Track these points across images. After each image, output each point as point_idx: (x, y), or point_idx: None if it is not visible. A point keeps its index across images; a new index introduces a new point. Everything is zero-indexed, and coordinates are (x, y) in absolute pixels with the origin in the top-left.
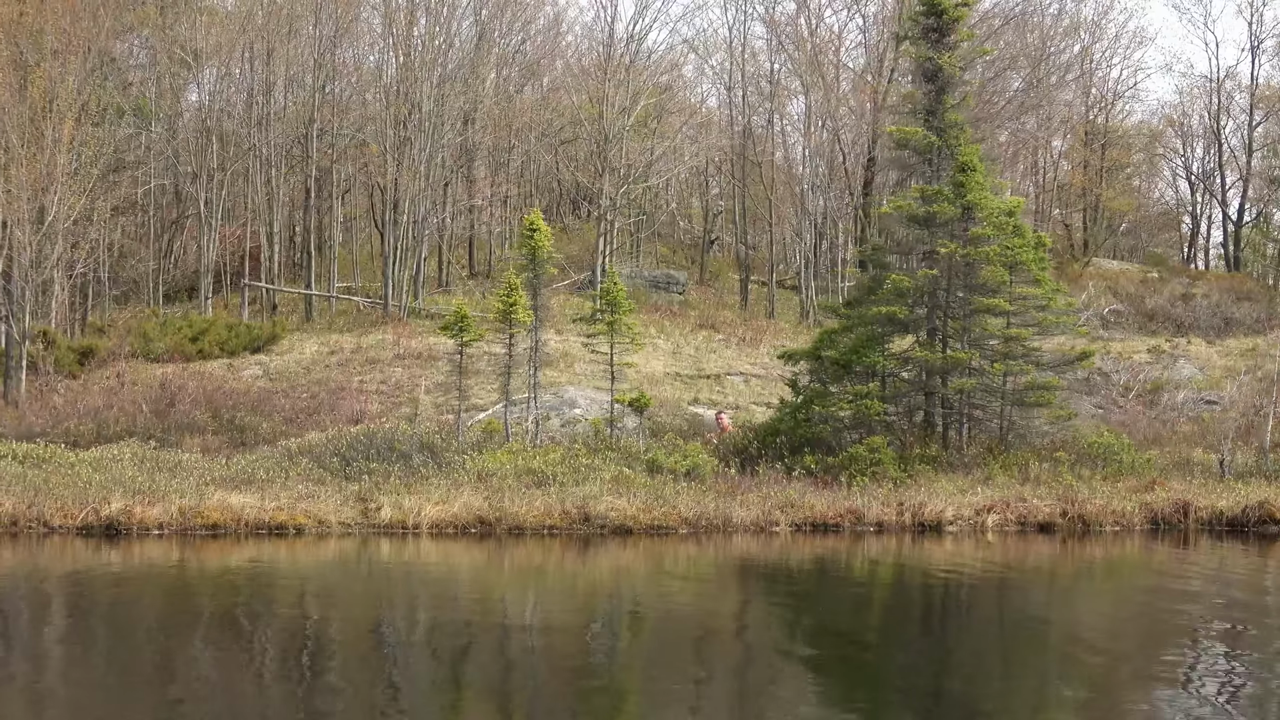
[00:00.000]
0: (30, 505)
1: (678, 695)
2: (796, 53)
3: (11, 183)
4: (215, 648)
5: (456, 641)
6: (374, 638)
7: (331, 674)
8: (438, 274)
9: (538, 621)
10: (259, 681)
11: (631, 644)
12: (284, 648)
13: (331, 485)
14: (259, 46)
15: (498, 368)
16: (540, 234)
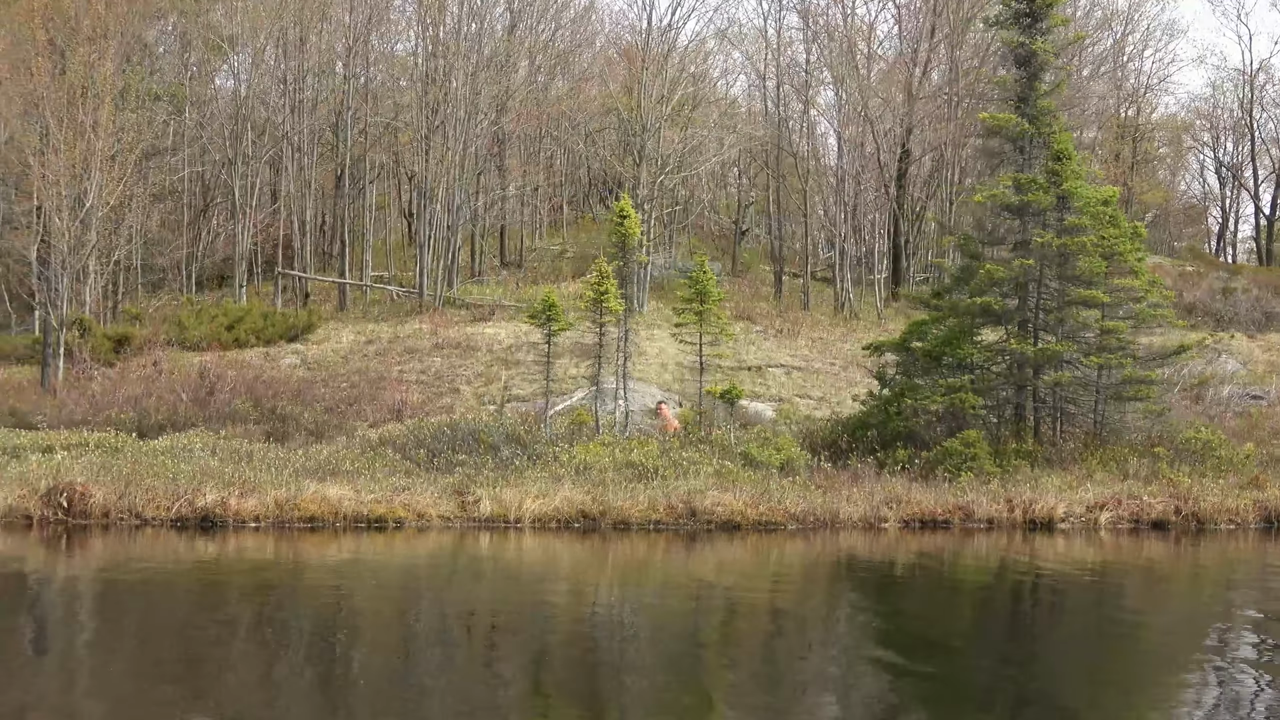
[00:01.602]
0: (121, 496)
1: (759, 693)
2: (830, 43)
3: (48, 168)
4: (364, 652)
5: (588, 641)
6: (510, 637)
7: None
8: (470, 263)
9: (655, 620)
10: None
11: (727, 642)
12: (419, 648)
13: (423, 478)
14: (292, 33)
15: (540, 357)
16: (630, 220)
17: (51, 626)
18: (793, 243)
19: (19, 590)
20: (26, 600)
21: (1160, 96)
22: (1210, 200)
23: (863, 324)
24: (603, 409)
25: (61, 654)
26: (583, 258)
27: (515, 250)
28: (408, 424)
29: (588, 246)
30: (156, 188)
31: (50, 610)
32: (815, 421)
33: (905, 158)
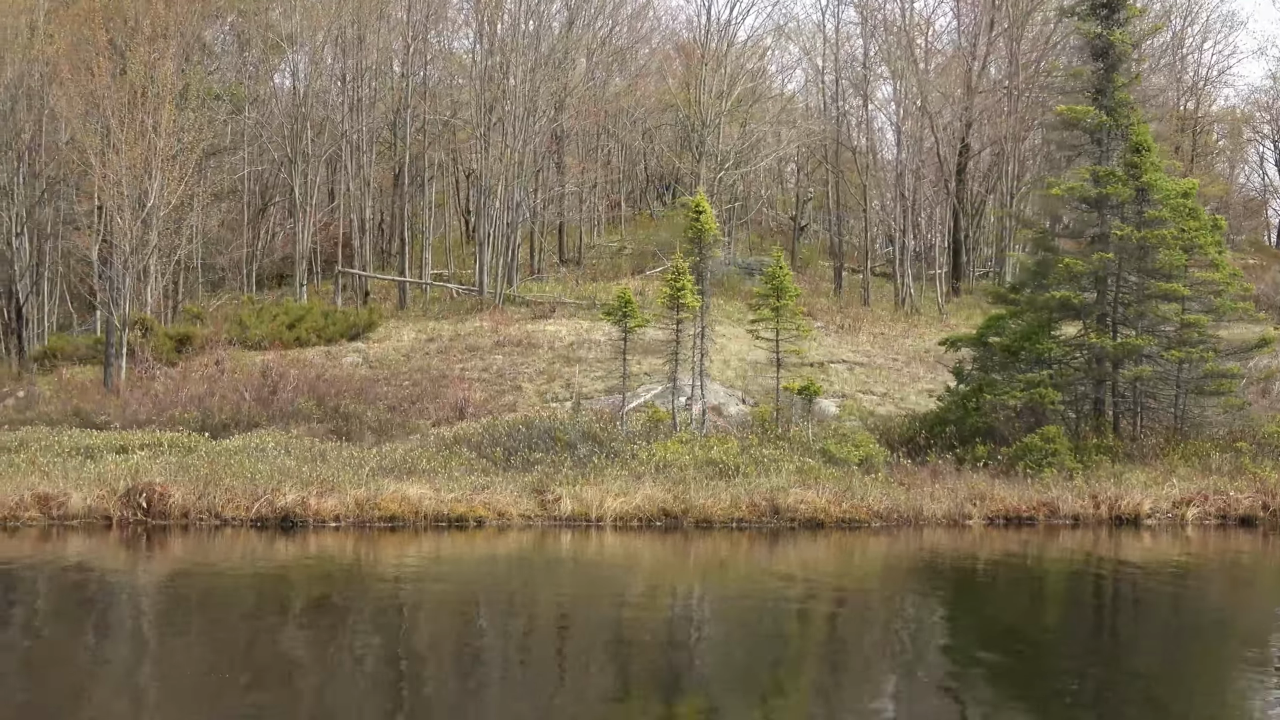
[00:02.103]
0: (200, 497)
1: (840, 693)
2: (888, 37)
3: (110, 168)
4: (454, 654)
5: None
6: (606, 637)
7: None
8: (530, 261)
9: (742, 618)
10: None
11: (814, 641)
12: (515, 650)
13: (501, 476)
14: (350, 32)
15: (602, 354)
16: (705, 215)
17: (138, 629)
18: (852, 238)
19: (103, 592)
20: (110, 602)
21: (1220, 89)
22: (1270, 193)
23: (924, 319)
24: (675, 405)
25: (152, 658)
26: (641, 254)
27: (574, 247)
28: (482, 422)
29: (645, 243)
30: (216, 187)
31: (135, 613)
32: (891, 418)
33: (964, 152)
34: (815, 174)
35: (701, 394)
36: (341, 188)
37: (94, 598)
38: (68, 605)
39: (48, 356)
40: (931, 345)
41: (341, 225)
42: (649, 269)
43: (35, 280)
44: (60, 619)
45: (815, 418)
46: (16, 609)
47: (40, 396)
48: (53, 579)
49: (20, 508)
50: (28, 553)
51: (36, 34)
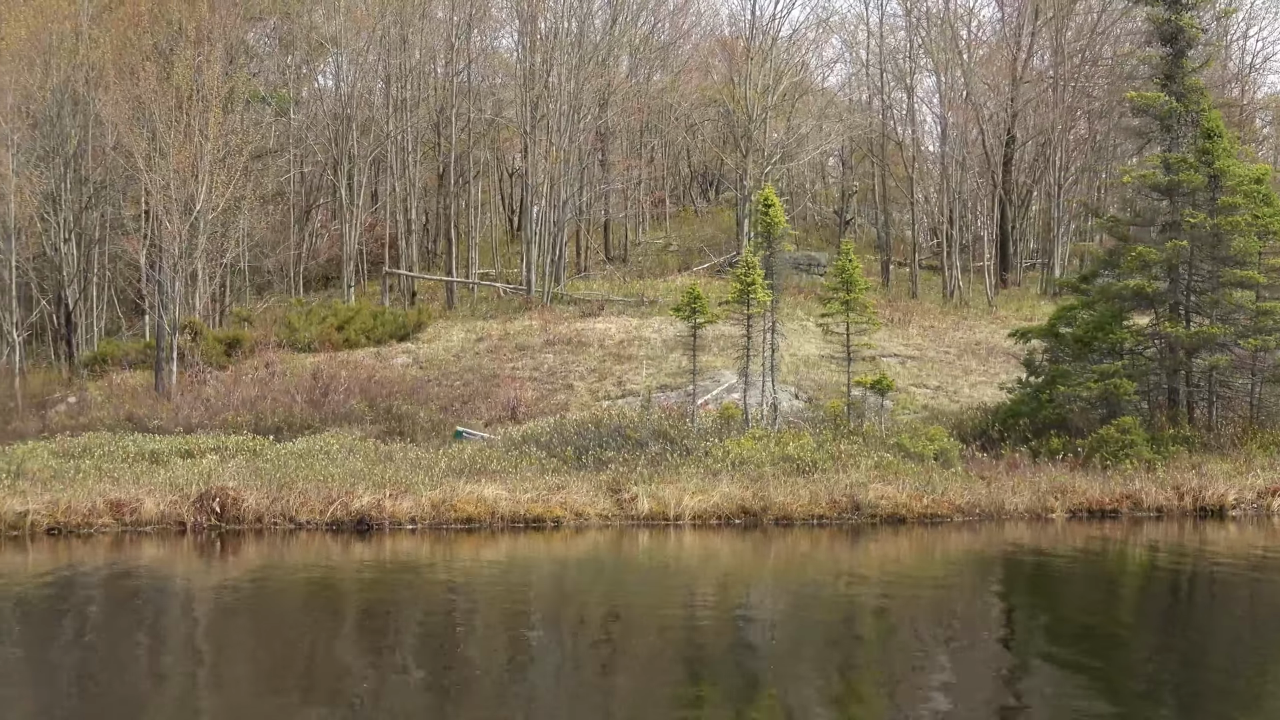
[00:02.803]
0: (274, 500)
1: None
2: (932, 28)
3: (158, 172)
4: (535, 655)
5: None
6: (698, 638)
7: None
8: (576, 259)
9: (829, 615)
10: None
11: (892, 638)
12: (604, 650)
13: (575, 476)
14: (393, 32)
15: (653, 352)
16: (775, 209)
17: (224, 635)
18: (899, 231)
19: (183, 598)
20: (191, 608)
21: (1265, 75)
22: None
23: (973, 312)
24: (747, 401)
25: (234, 664)
26: (687, 251)
27: (619, 245)
28: (550, 420)
29: (690, 239)
30: (263, 190)
31: (219, 618)
32: (962, 411)
33: (1010, 143)
34: (859, 168)
35: (774, 389)
36: (386, 188)
37: (174, 604)
38: (148, 611)
39: (97, 362)
40: (983, 337)
41: (387, 226)
42: (695, 265)
43: (84, 286)
44: (141, 625)
45: (874, 412)
46: (95, 615)
47: (92, 402)
48: (130, 586)
49: (93, 514)
50: (102, 560)
51: (81, 39)
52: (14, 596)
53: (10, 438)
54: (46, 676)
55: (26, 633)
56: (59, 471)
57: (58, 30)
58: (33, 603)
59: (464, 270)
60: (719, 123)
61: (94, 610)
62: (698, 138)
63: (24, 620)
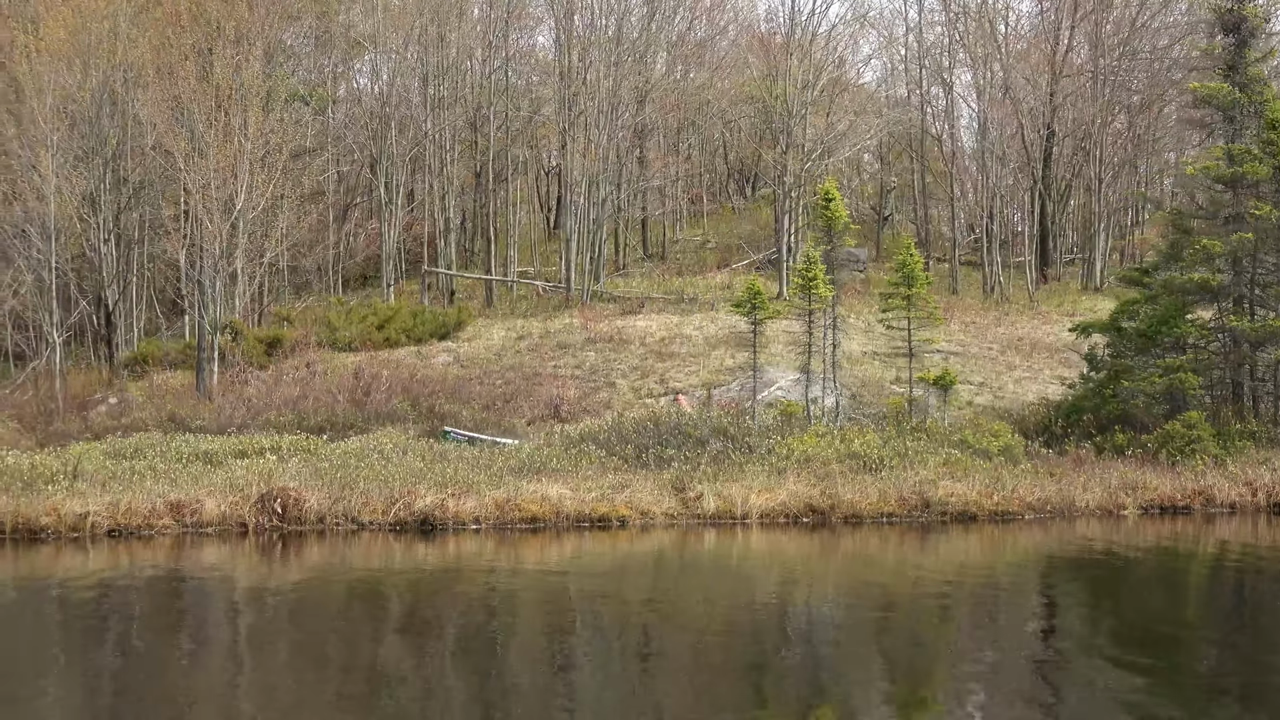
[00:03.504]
0: (336, 501)
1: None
2: (969, 23)
3: (198, 171)
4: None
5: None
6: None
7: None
8: (615, 256)
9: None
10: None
11: (961, 638)
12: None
13: (636, 474)
14: (430, 31)
15: (695, 349)
16: (836, 204)
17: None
18: (937, 227)
19: (252, 600)
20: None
21: None
22: None
23: (1014, 307)
24: (808, 397)
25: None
26: (725, 248)
27: (657, 242)
28: (607, 418)
29: (728, 236)
30: (303, 189)
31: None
32: (1023, 406)
33: (1050, 138)
34: (896, 164)
35: (836, 385)
36: (424, 187)
37: (241, 606)
38: (215, 613)
39: (138, 362)
40: (1025, 333)
41: (426, 225)
42: (734, 262)
43: (123, 286)
44: (209, 626)
45: (935, 408)
46: (161, 618)
47: (133, 402)
48: (193, 588)
49: (153, 515)
50: (163, 561)
51: (120, 39)
52: (79, 598)
53: (53, 438)
54: (110, 678)
55: (91, 634)
56: (115, 473)
57: (96, 30)
58: (97, 604)
59: (502, 268)
60: (756, 119)
61: (159, 612)
62: (735, 134)
63: (92, 620)
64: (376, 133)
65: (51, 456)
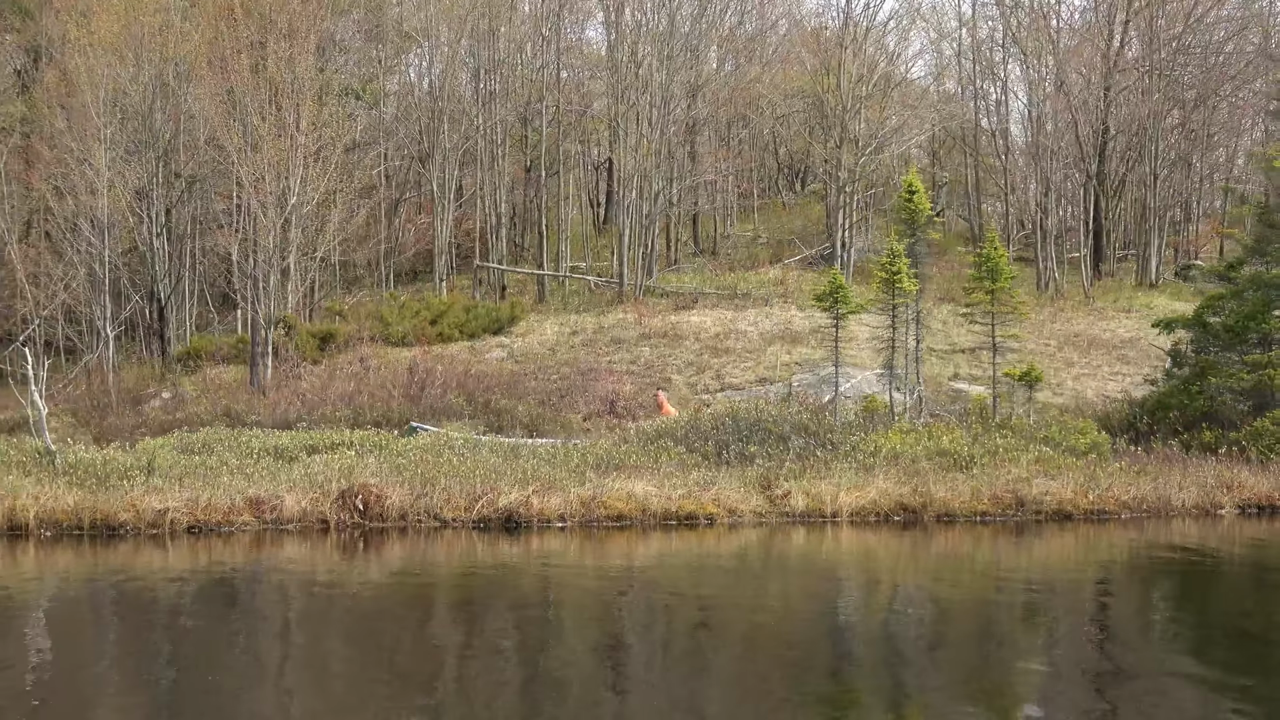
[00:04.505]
0: (418, 497)
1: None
2: (1023, 16)
3: (252, 165)
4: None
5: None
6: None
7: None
8: (666, 252)
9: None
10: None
11: (1049, 641)
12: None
13: (718, 471)
14: (482, 25)
15: (750, 345)
16: (919, 196)
17: (379, 638)
18: (989, 222)
19: (338, 599)
20: (343, 608)
21: None
22: None
23: (1070, 303)
24: (892, 394)
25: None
26: (777, 243)
27: (708, 238)
28: (684, 414)
29: (779, 232)
30: (358, 183)
31: (377, 619)
32: (1111, 402)
33: (1104, 132)
34: (948, 159)
35: (919, 382)
36: (476, 181)
37: (332, 603)
38: (302, 611)
39: (191, 357)
40: (1082, 329)
41: (477, 220)
42: (786, 258)
43: (175, 281)
44: (298, 624)
45: (1019, 405)
46: (256, 618)
47: (187, 397)
48: (276, 584)
49: (233, 512)
50: (245, 558)
51: (172, 32)
52: (162, 594)
53: (108, 433)
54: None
55: (172, 630)
56: (189, 468)
57: (149, 24)
58: (181, 600)
59: (554, 263)
60: (807, 114)
61: (245, 610)
62: (787, 129)
63: (177, 616)
64: (428, 127)
65: (122, 451)
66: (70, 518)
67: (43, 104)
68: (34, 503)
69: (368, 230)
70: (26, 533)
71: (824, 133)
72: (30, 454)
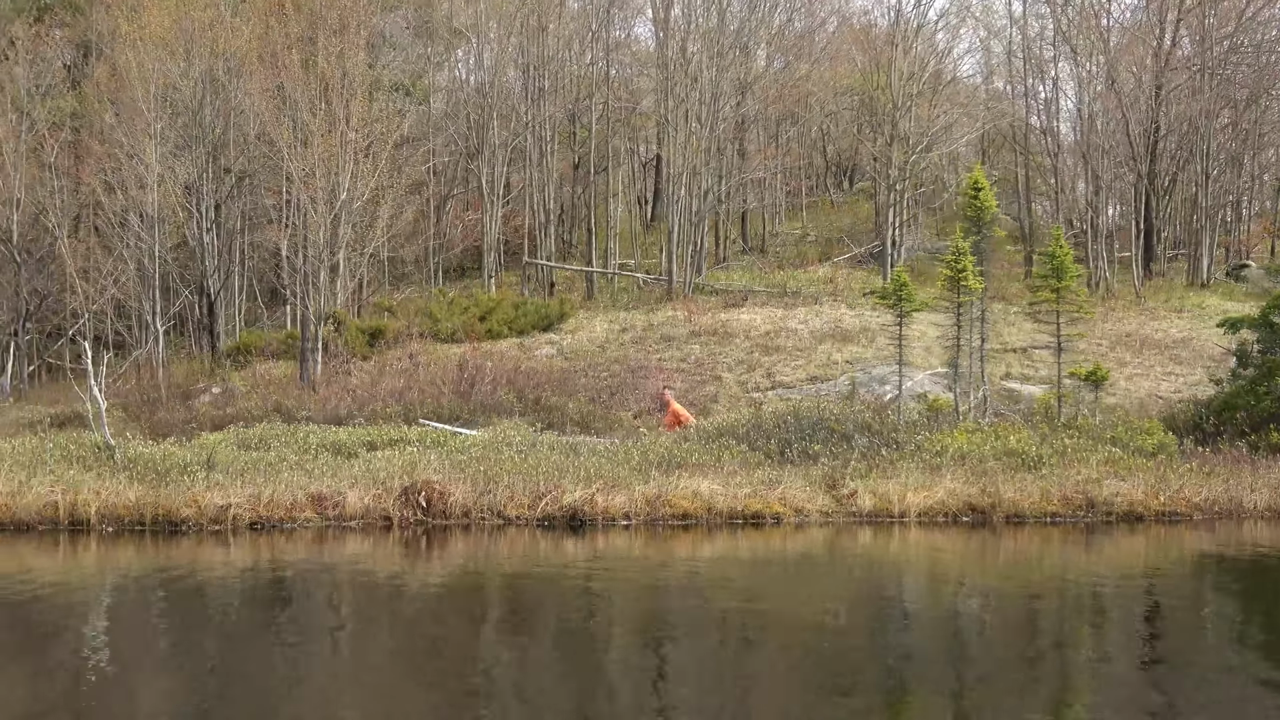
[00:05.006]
0: (482, 495)
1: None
2: (1073, 14)
3: (302, 161)
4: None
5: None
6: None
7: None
8: (715, 249)
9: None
10: None
11: (1117, 648)
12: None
13: (781, 470)
14: (531, 21)
15: (800, 343)
16: (985, 193)
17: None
18: (1036, 221)
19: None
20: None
21: None
22: None
23: (1121, 303)
24: (957, 393)
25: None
26: (826, 241)
27: (756, 235)
28: (746, 413)
29: (827, 229)
30: (408, 179)
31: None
32: (1166, 403)
33: (1155, 131)
34: (996, 158)
35: (984, 380)
36: (524, 178)
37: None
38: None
39: (240, 352)
40: (1133, 329)
41: (525, 216)
42: (835, 256)
43: (225, 276)
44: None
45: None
46: (319, 616)
47: (237, 392)
48: (359, 584)
49: (295, 508)
50: (309, 555)
51: (222, 27)
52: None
53: (158, 427)
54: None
55: (238, 626)
56: (248, 463)
57: (199, 18)
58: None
59: (602, 260)
60: (856, 111)
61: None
62: (836, 126)
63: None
64: (477, 123)
65: (180, 446)
66: (132, 513)
67: (92, 99)
68: (95, 498)
69: (416, 226)
70: (88, 528)
71: (873, 130)
72: (89, 448)
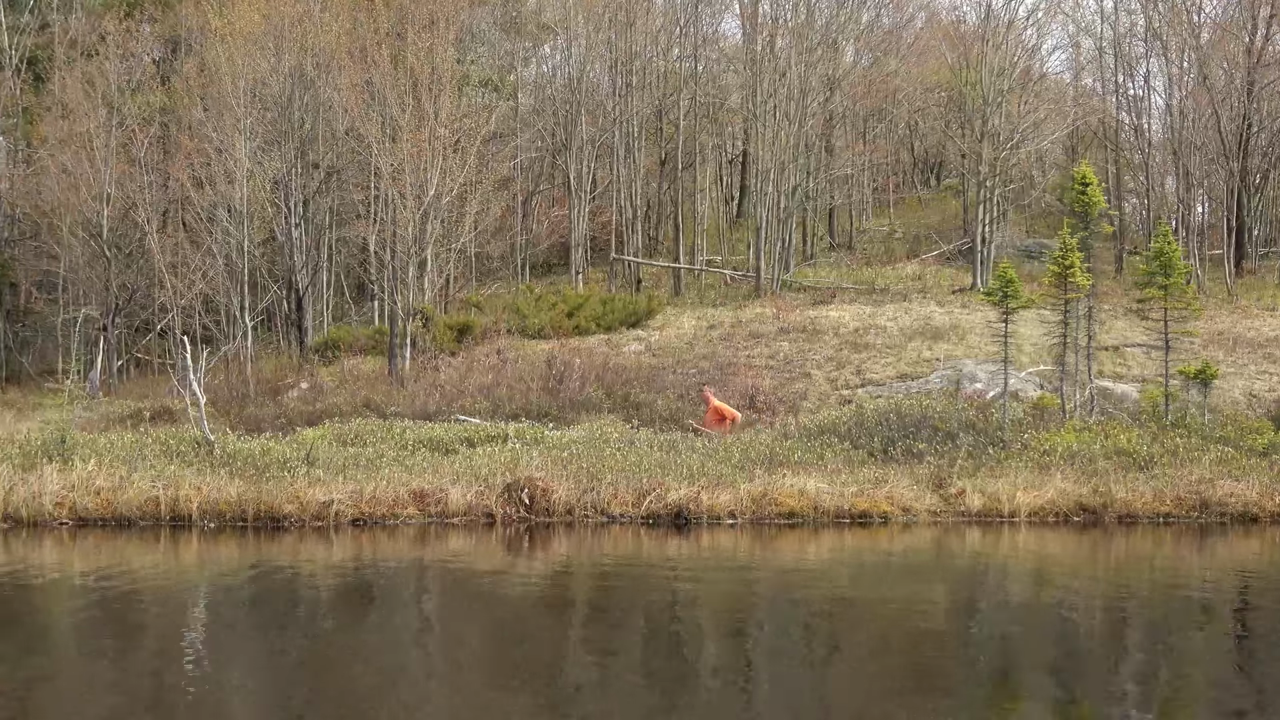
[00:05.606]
0: (585, 492)
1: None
2: (1163, 9)
3: (392, 156)
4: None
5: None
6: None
7: None
8: (803, 246)
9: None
10: None
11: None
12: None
13: (885, 469)
14: (620, 16)
15: (890, 340)
16: (1093, 188)
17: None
18: (1126, 218)
19: (522, 598)
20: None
21: None
22: None
23: (1212, 301)
24: (1064, 391)
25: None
26: (914, 239)
27: (843, 232)
28: (848, 410)
29: (915, 226)
30: (496, 175)
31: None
32: (1269, 403)
33: (1246, 128)
34: (1084, 154)
35: (1090, 379)
36: (608, 175)
37: (512, 600)
38: (476, 607)
39: (328, 347)
40: (1225, 327)
41: (612, 212)
42: (923, 253)
43: (313, 271)
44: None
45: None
46: (424, 613)
47: (325, 387)
48: (465, 581)
49: (398, 505)
50: (413, 552)
51: (311, 22)
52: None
53: (247, 423)
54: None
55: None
56: (347, 459)
57: (289, 14)
58: (362, 593)
59: (689, 257)
60: (944, 108)
61: (411, 603)
62: (924, 122)
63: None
64: (565, 119)
65: (280, 442)
66: (233, 509)
67: (182, 94)
68: (197, 493)
69: (502, 222)
70: (189, 523)
71: (962, 127)
72: (188, 443)
